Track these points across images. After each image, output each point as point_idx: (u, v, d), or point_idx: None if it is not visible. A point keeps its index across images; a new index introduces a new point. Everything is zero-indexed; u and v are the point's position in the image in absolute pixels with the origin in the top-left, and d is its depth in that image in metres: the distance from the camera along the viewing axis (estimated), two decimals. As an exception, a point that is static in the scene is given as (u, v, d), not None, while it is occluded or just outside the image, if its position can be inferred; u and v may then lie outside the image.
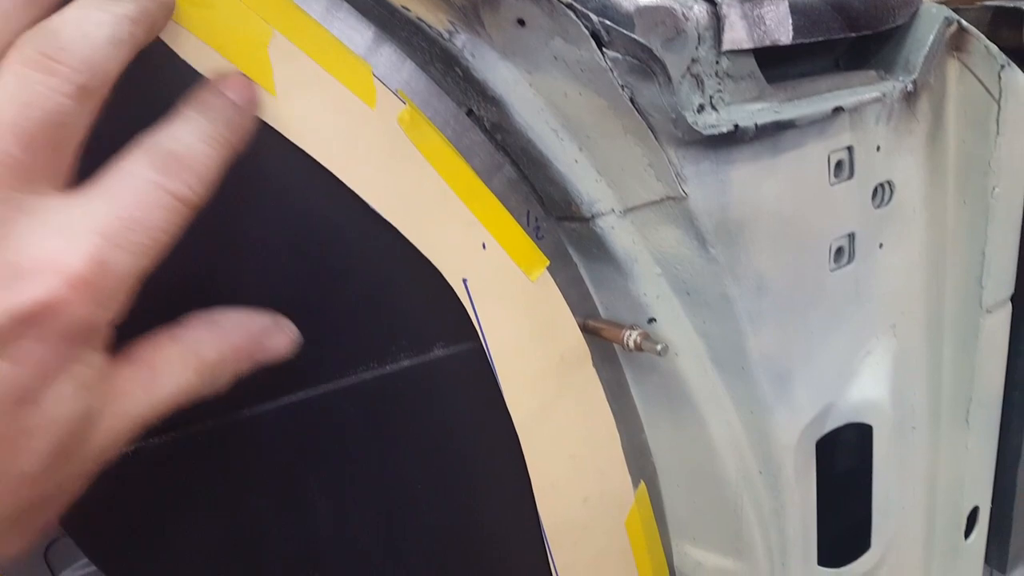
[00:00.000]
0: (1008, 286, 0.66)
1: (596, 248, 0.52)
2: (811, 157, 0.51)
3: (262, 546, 0.48)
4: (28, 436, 0.29)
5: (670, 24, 0.43)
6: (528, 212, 0.52)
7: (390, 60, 0.45)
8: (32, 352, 0.28)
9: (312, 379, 0.46)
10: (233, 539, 0.47)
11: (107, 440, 0.33)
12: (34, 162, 0.28)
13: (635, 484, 0.62)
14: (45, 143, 0.28)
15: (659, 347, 0.51)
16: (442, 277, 0.48)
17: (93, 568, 0.91)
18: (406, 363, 0.49)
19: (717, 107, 0.46)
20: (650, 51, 0.41)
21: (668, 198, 0.48)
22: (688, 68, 0.45)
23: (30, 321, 0.27)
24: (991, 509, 0.75)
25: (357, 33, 0.44)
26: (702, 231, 0.48)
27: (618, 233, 0.51)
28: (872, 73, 0.57)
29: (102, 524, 0.44)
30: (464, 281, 0.49)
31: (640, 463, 0.62)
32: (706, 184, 0.47)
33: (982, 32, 0.60)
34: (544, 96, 0.46)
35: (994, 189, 0.61)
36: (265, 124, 0.41)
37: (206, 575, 0.47)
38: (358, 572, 0.52)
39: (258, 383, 0.44)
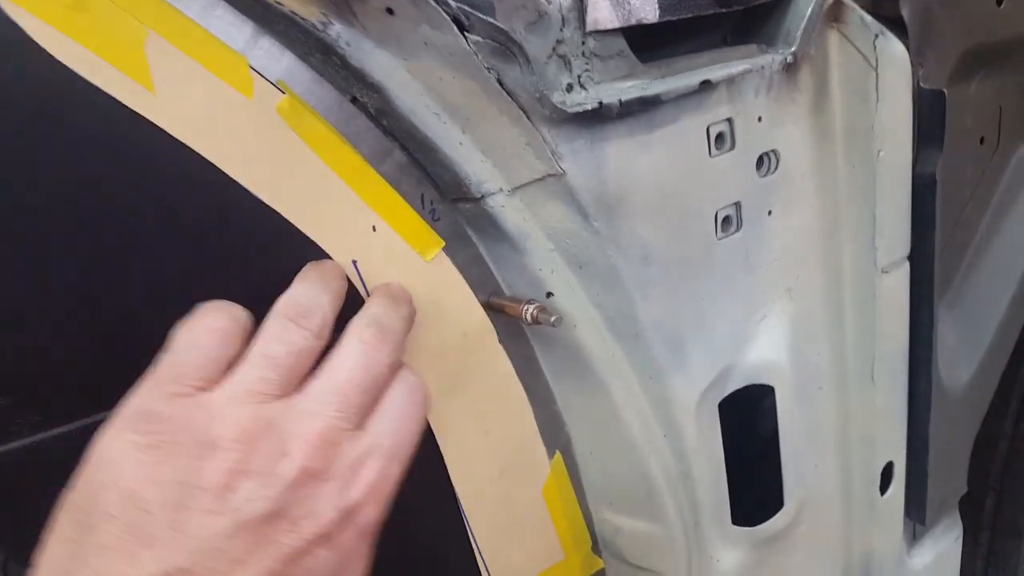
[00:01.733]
0: (903, 246, 0.69)
1: (491, 227, 0.55)
2: (688, 130, 0.55)
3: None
4: None
5: (531, 7, 0.46)
6: (423, 195, 0.54)
7: (269, 52, 0.47)
8: (347, 543, 0.39)
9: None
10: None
11: None
12: (366, 404, 0.42)
13: (550, 454, 0.65)
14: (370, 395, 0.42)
15: (553, 319, 0.54)
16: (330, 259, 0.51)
17: None
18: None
19: (586, 86, 0.49)
20: (507, 34, 0.43)
21: (548, 175, 0.51)
22: (554, 49, 0.47)
23: (346, 519, 0.39)
24: (907, 464, 0.79)
25: (235, 28, 0.46)
26: (583, 205, 0.51)
27: (508, 211, 0.54)
28: (753, 47, 0.60)
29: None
30: (354, 263, 0.51)
31: (554, 433, 0.65)
32: (582, 161, 0.50)
33: (864, 5, 0.64)
34: (422, 81, 0.49)
35: (879, 153, 0.64)
36: (147, 121, 0.43)
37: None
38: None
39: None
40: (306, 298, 0.43)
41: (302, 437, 0.38)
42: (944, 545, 0.90)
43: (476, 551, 0.62)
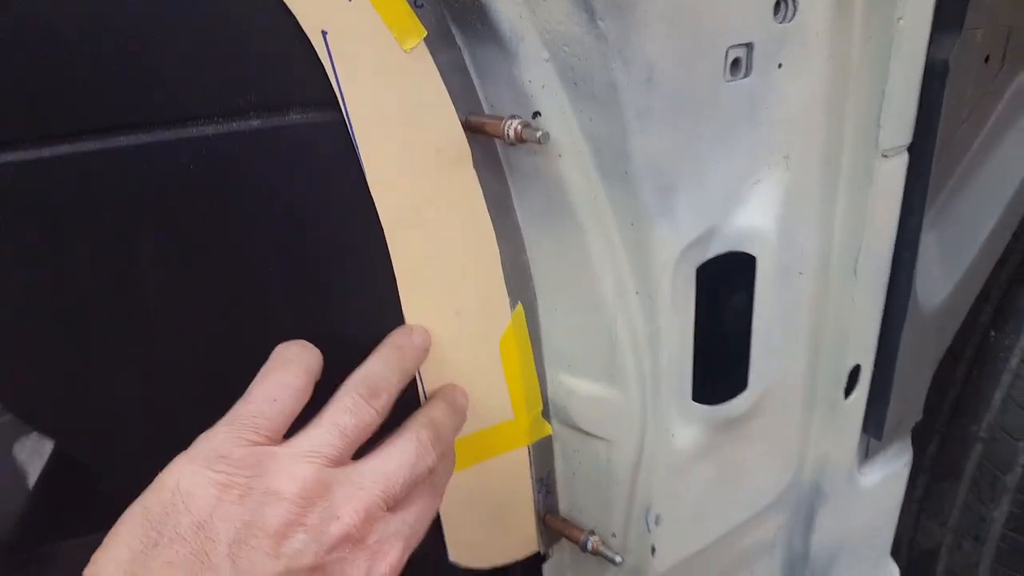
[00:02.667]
0: (906, 132, 0.66)
1: (480, 22, 0.50)
2: (713, -57, 0.49)
3: (84, 299, 0.45)
4: None
5: None
6: (407, -25, 0.48)
7: None
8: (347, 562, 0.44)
9: (144, 122, 0.43)
10: (42, 297, 0.44)
11: None
12: (405, 496, 0.48)
13: (512, 306, 0.60)
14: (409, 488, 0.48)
15: (539, 133, 0.49)
16: (301, 31, 0.45)
17: None
18: (255, 123, 0.46)
19: None
20: None
21: (555, -44, 0.45)
22: None
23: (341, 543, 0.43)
24: (872, 372, 0.77)
25: None
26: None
27: (504, 2, 0.48)
28: None
29: None
30: (324, 34, 0.45)
31: (520, 285, 0.61)
32: (596, -59, 0.44)
33: None
34: None
35: (900, 20, 0.60)
36: None
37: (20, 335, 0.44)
38: (186, 357, 0.49)
39: (77, 116, 0.40)
40: (381, 378, 0.49)
41: (352, 506, 0.43)
42: (894, 468, 0.88)
43: (422, 393, 0.58)
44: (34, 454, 0.94)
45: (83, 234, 0.43)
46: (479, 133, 0.54)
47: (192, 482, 0.41)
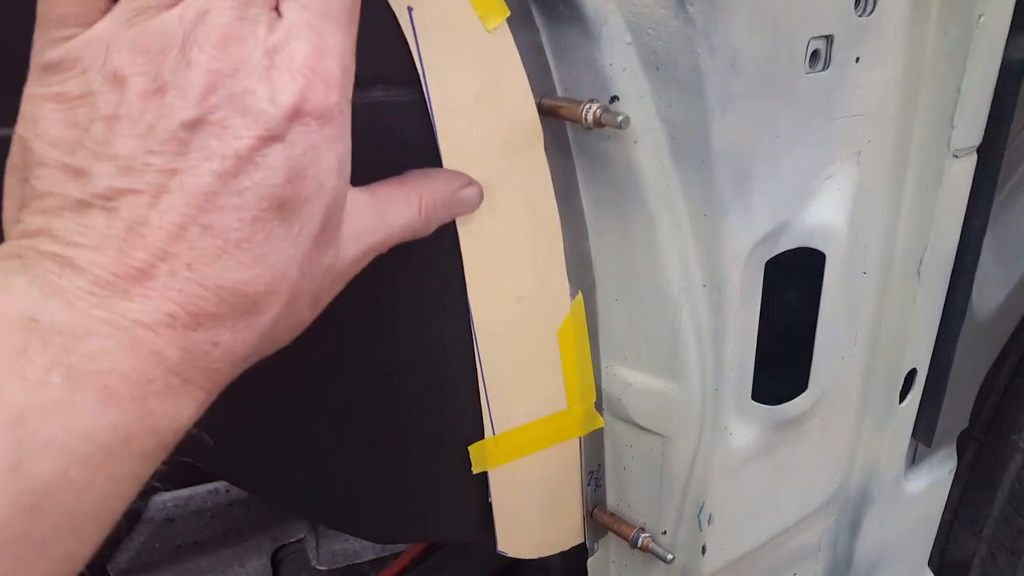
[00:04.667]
0: (978, 132, 0.65)
1: (563, 4, 0.49)
2: (802, -69, 0.49)
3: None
4: (309, 201, 0.37)
5: None
6: (490, -48, 0.48)
7: None
8: (300, 134, 0.36)
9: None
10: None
11: (349, 254, 0.42)
12: None
13: (572, 294, 0.60)
14: None
15: (620, 118, 0.49)
16: (387, 7, 0.45)
17: None
18: (339, 97, 0.46)
19: None
20: None
21: (649, -62, 0.45)
22: None
23: (293, 113, 0.35)
24: (926, 378, 0.76)
25: None
26: (682, -17, 0.46)
27: (589, -15, 0.48)
28: None
29: None
30: (409, 10, 0.45)
31: (580, 273, 0.60)
32: (692, -75, 0.44)
33: None
34: None
35: (980, 18, 0.60)
36: None
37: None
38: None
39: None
40: None
41: (200, 39, 0.35)
42: (939, 476, 0.88)
43: (480, 380, 0.58)
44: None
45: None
46: (552, 116, 0.53)
47: (30, 106, 0.36)
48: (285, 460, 0.58)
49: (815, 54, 0.54)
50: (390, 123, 0.48)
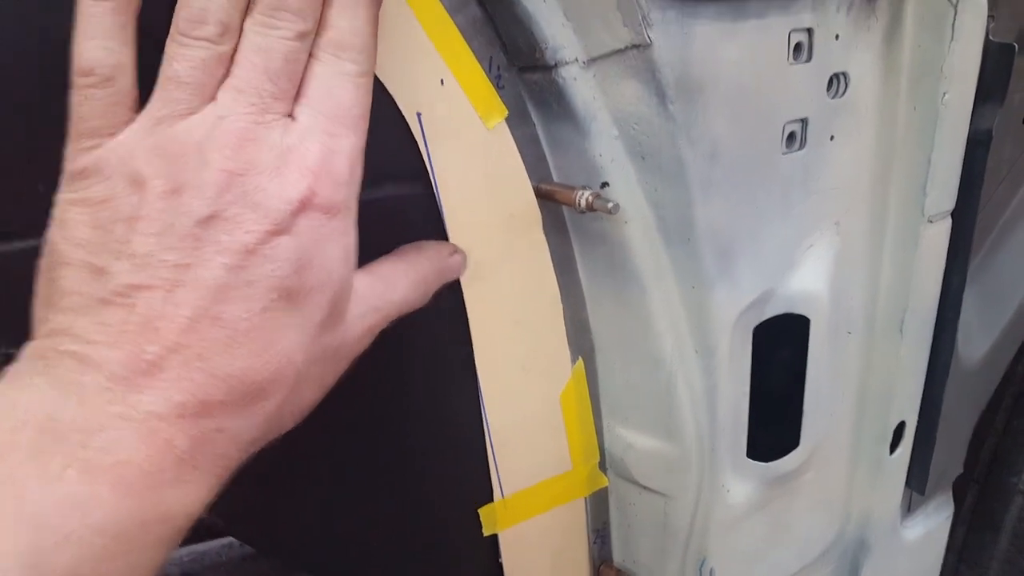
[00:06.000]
0: (950, 198, 0.70)
1: (556, 103, 0.55)
2: (772, 31, 0.54)
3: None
4: (316, 290, 0.40)
5: None
6: (491, 59, 0.54)
7: None
8: (308, 226, 0.39)
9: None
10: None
11: (354, 334, 0.44)
12: (285, 90, 0.40)
13: (573, 360, 0.65)
14: (285, 78, 0.40)
15: (611, 204, 0.54)
16: (396, 109, 0.50)
17: None
18: (355, 194, 0.51)
19: (686, -45, 0.48)
20: None
21: (633, 46, 0.50)
22: (661, -89, 0.47)
23: (300, 207, 0.39)
24: (916, 429, 0.80)
25: None
26: (663, 85, 0.51)
27: (580, 85, 0.53)
28: (837, -36, 0.60)
29: None
30: (418, 115, 0.50)
31: (579, 340, 0.65)
32: (671, 34, 0.50)
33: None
34: (517, -73, 0.48)
35: (944, 95, 0.65)
36: None
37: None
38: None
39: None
40: (196, 4, 0.39)
41: (217, 142, 0.38)
42: (935, 522, 0.92)
43: (489, 444, 0.62)
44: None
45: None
46: (549, 200, 0.58)
47: (58, 211, 0.39)
48: (297, 521, 0.62)
49: (791, 136, 0.59)
50: (401, 214, 0.53)
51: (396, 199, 0.52)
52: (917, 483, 0.84)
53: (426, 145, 0.51)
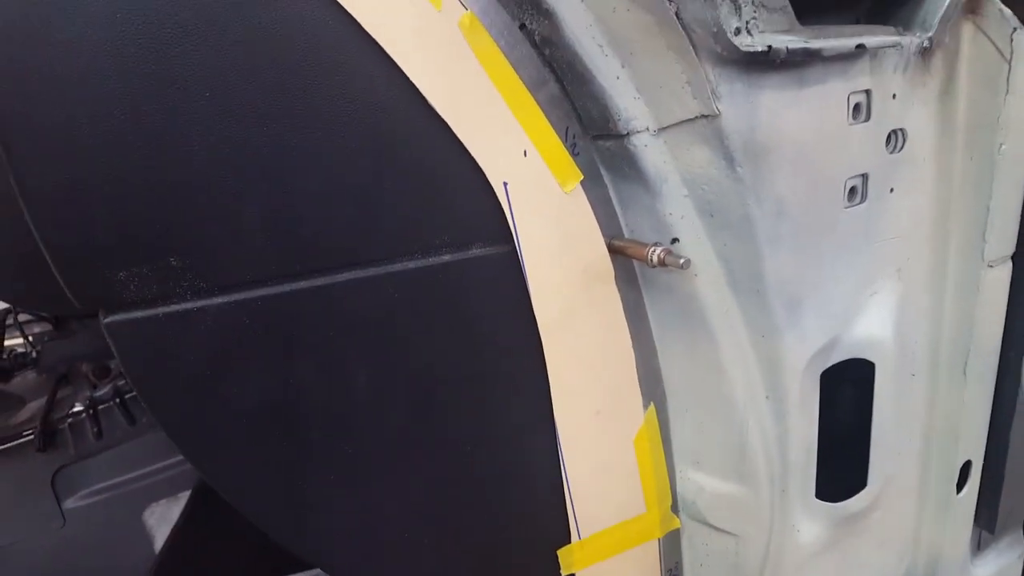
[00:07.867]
0: (1010, 243, 0.73)
1: (628, 167, 0.59)
2: (832, 95, 0.58)
3: (301, 411, 0.55)
4: None
5: (715, -51, 0.50)
6: (567, 129, 0.59)
7: (454, -32, 0.52)
8: None
9: (363, 261, 0.53)
10: (277, 401, 0.54)
11: None
12: None
13: (645, 406, 0.68)
14: None
15: (682, 260, 0.58)
16: (485, 179, 0.55)
17: (99, 495, 1.00)
18: (447, 257, 0.56)
19: (752, 32, 0.53)
20: (697, -32, 0.47)
21: (702, 116, 0.55)
22: (728, -7, 0.52)
23: None
24: (983, 468, 0.82)
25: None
26: (731, 150, 0.55)
27: (651, 151, 0.58)
28: (891, 28, 0.64)
29: (162, 380, 0.51)
30: (505, 184, 0.55)
31: (651, 386, 0.69)
32: (738, 104, 0.54)
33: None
34: (594, 11, 0.53)
35: (1001, 146, 0.68)
36: (343, 11, 0.48)
37: (252, 433, 0.54)
38: (382, 441, 0.59)
39: (312, 258, 0.51)
40: None
41: None
42: (1007, 560, 0.93)
43: (566, 488, 0.66)
44: (162, 520, 1.06)
45: (313, 353, 0.54)
46: (620, 254, 0.63)
47: None
48: (387, 559, 0.66)
49: (852, 190, 0.63)
50: (488, 272, 0.58)
51: (483, 259, 0.57)
52: (986, 521, 0.85)
53: (511, 210, 0.56)
